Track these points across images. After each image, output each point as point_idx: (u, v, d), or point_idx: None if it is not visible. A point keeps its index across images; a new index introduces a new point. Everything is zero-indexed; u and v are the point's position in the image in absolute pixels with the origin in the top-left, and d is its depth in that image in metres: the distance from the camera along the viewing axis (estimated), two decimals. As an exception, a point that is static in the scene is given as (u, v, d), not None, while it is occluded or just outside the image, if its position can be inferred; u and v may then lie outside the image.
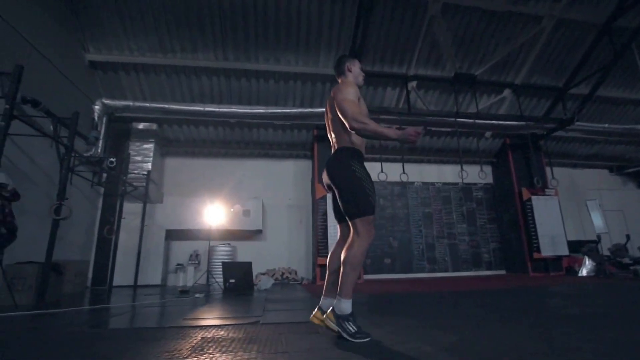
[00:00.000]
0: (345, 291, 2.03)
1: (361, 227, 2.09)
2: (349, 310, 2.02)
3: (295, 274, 8.17)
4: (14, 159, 5.09)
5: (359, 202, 2.10)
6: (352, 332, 1.96)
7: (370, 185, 2.16)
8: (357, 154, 2.24)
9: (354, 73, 2.48)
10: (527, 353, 1.67)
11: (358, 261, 2.06)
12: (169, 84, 7.57)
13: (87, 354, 1.88)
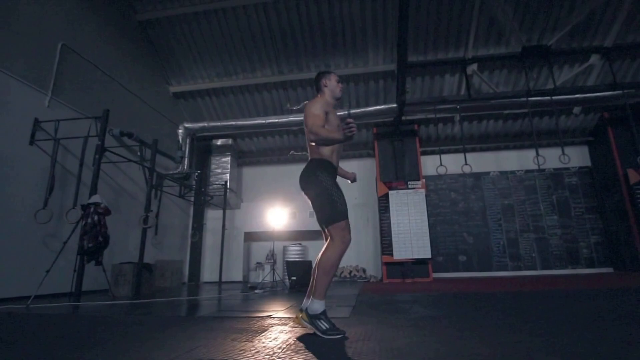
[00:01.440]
0: (318, 293, 2.18)
1: (334, 233, 2.21)
2: (320, 309, 2.16)
3: (364, 272, 8.29)
4: (119, 181, 6.43)
5: (328, 210, 2.23)
6: (324, 330, 2.10)
7: (337, 193, 2.25)
8: (324, 165, 2.34)
9: (329, 87, 2.58)
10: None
11: (331, 265, 2.17)
12: (236, 102, 8.50)
13: (162, 335, 2.42)
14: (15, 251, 4.41)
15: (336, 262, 2.18)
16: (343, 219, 2.21)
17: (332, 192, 2.24)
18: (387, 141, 8.37)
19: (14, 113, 4.67)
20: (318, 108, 2.33)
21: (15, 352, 1.79)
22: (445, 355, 1.58)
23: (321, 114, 2.31)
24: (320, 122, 2.27)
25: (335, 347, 1.82)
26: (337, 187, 2.31)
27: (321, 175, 2.28)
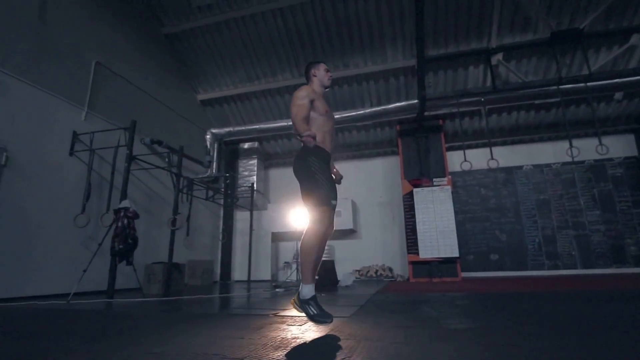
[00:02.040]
0: (304, 277, 2.23)
1: (316, 215, 2.23)
2: (309, 294, 2.20)
3: (390, 271, 8.20)
4: (151, 185, 6.86)
5: (314, 194, 2.27)
6: (312, 314, 2.15)
7: (324, 179, 2.28)
8: (315, 150, 2.38)
9: (318, 76, 2.64)
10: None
11: (310, 246, 2.20)
12: (259, 106, 8.74)
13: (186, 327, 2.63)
14: (57, 252, 4.87)
15: (315, 244, 2.19)
16: (326, 205, 2.23)
17: (320, 178, 2.28)
18: (411, 138, 8.21)
19: (55, 127, 5.16)
20: (303, 97, 2.38)
21: (54, 342, 2.01)
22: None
23: (304, 103, 2.35)
24: (302, 111, 2.32)
25: (316, 346, 1.88)
26: (327, 173, 2.35)
27: (311, 160, 2.32)
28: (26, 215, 4.61)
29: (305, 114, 2.33)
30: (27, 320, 2.88)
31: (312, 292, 2.21)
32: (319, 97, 2.49)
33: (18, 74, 4.72)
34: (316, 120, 2.43)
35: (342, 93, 8.20)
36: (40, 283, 4.60)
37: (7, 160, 4.49)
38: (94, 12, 6.05)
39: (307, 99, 2.39)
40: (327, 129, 2.47)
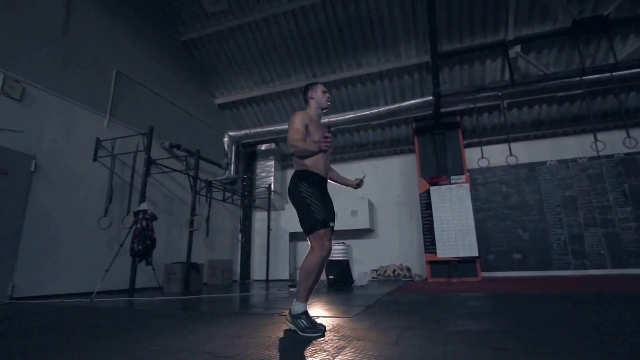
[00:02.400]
0: (299, 295, 2.28)
1: (313, 242, 2.29)
2: (301, 310, 2.26)
3: (408, 271, 8.10)
4: (171, 188, 7.11)
5: (306, 219, 2.32)
6: (302, 327, 2.19)
7: (317, 202, 2.31)
8: (305, 175, 2.42)
9: (315, 99, 2.64)
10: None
11: (310, 271, 2.26)
12: (275, 108, 8.85)
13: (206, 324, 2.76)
14: (83, 253, 5.15)
15: (315, 269, 2.25)
16: (321, 228, 2.26)
17: (311, 202, 2.30)
18: (428, 135, 8.07)
19: (80, 135, 5.45)
20: (298, 122, 2.40)
21: (78, 336, 2.16)
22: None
23: (300, 128, 2.37)
24: (299, 135, 2.35)
25: (305, 345, 1.92)
26: (321, 196, 2.37)
27: (302, 186, 2.36)
28: (54, 218, 4.90)
29: (302, 138, 2.35)
30: (53, 317, 3.07)
31: (304, 308, 2.26)
32: (313, 122, 2.49)
33: (45, 86, 5.03)
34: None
35: (356, 92, 8.17)
36: (66, 282, 4.88)
37: (36, 167, 4.80)
38: (114, 24, 6.34)
39: (302, 125, 2.40)
40: (320, 154, 2.48)
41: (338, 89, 8.19)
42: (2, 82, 4.54)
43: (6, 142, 4.49)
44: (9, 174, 4.50)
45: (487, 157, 6.61)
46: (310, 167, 2.44)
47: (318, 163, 2.48)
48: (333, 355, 1.62)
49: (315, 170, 2.45)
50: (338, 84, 8.09)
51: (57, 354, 1.74)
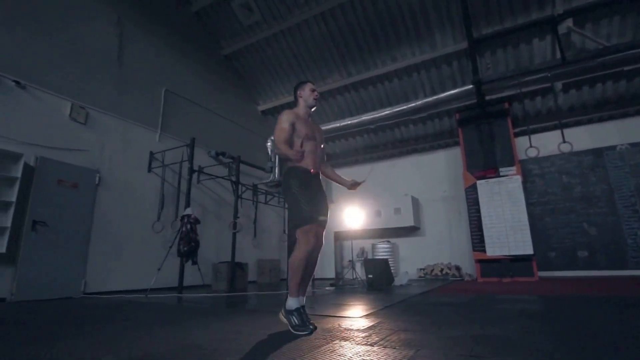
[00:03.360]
0: (290, 290, 2.37)
1: (299, 236, 2.38)
2: (293, 306, 2.34)
3: (457, 270, 7.70)
4: (219, 192, 7.64)
5: (295, 215, 2.41)
6: (293, 325, 2.28)
7: (304, 199, 2.39)
8: (294, 172, 2.49)
9: (303, 97, 2.72)
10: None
11: (297, 266, 2.34)
12: (314, 111, 9.00)
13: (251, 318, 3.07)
14: (140, 254, 5.81)
15: (301, 264, 2.33)
16: (307, 224, 2.34)
17: (299, 199, 2.39)
18: (473, 126, 7.59)
19: (135, 149, 6.16)
20: (284, 120, 2.51)
21: (133, 325, 2.54)
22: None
23: (286, 127, 2.48)
24: (283, 135, 2.46)
25: (285, 342, 2.01)
26: (309, 192, 2.44)
27: (291, 182, 2.45)
28: (116, 224, 5.62)
29: (286, 137, 2.46)
30: (111, 310, 3.57)
31: (297, 304, 2.34)
32: (300, 120, 2.58)
33: (104, 109, 5.78)
34: (296, 142, 2.53)
35: (392, 87, 8.00)
36: (126, 280, 5.55)
37: (100, 180, 5.54)
38: (161, 48, 7.01)
39: (288, 123, 2.50)
40: (308, 150, 2.54)
41: (374, 86, 8.10)
42: (70, 110, 5.32)
43: (76, 160, 5.25)
44: (79, 187, 5.26)
45: (544, 145, 6.07)
46: (300, 164, 2.53)
47: (306, 159, 2.54)
48: (300, 354, 1.70)
49: (305, 166, 2.53)
50: (374, 80, 7.99)
51: (122, 338, 2.04)
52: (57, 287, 4.78)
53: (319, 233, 2.50)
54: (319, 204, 2.53)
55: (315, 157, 2.61)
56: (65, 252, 4.96)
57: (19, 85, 4.77)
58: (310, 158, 2.57)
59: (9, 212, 4.40)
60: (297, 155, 2.32)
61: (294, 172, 2.50)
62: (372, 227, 8.62)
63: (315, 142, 2.63)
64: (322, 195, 2.61)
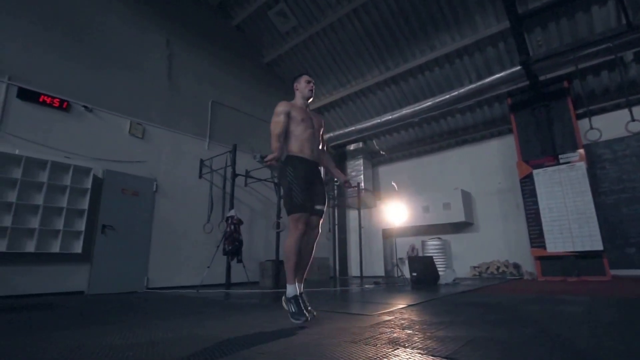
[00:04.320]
0: (287, 278, 2.46)
1: (290, 223, 2.47)
2: (292, 293, 2.42)
3: (516, 268, 7.09)
4: (266, 194, 8.02)
5: (286, 202, 2.50)
6: (290, 313, 2.37)
7: (297, 188, 2.45)
8: (293, 160, 2.56)
9: (299, 89, 2.79)
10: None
11: (288, 252, 2.43)
12: (356, 108, 8.99)
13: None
14: (192, 253, 6.36)
15: (293, 249, 2.41)
16: (297, 212, 2.42)
17: (292, 187, 2.47)
18: (527, 110, 6.93)
19: (187, 158, 6.76)
20: (279, 112, 2.60)
21: (184, 317, 2.91)
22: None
23: (280, 119, 2.56)
24: (277, 128, 2.54)
25: (277, 337, 2.11)
26: (304, 181, 2.49)
27: (288, 170, 2.54)
28: (172, 227, 6.24)
29: (280, 130, 2.54)
30: (167, 303, 4.00)
31: (294, 291, 2.42)
32: (297, 109, 2.66)
33: (158, 124, 6.44)
34: (294, 131, 2.61)
35: (434, 77, 7.64)
36: (181, 276, 6.14)
37: (157, 187, 6.20)
38: (207, 62, 7.59)
39: (283, 114, 2.59)
40: (305, 137, 2.61)
41: (414, 77, 7.81)
42: (129, 126, 6.05)
43: (136, 171, 5.95)
44: (139, 195, 5.96)
45: (611, 126, 5.33)
46: (297, 153, 2.59)
47: (304, 148, 2.61)
48: (280, 349, 1.79)
49: (302, 155, 2.59)
50: (414, 72, 7.72)
51: (181, 327, 2.33)
52: (124, 282, 5.48)
53: (313, 222, 2.56)
54: (315, 193, 2.58)
55: (313, 145, 2.66)
56: (130, 252, 5.66)
57: (87, 109, 5.57)
58: (307, 147, 2.62)
59: (82, 218, 5.15)
60: (276, 154, 2.38)
61: (291, 161, 2.57)
62: (420, 223, 8.33)
63: (312, 130, 2.68)
64: (320, 185, 2.66)
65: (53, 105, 5.23)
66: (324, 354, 1.58)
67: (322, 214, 2.62)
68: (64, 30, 5.54)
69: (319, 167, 2.74)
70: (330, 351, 1.64)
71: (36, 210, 4.78)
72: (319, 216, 2.60)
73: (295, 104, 2.73)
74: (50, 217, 4.89)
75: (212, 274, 5.91)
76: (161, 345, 1.80)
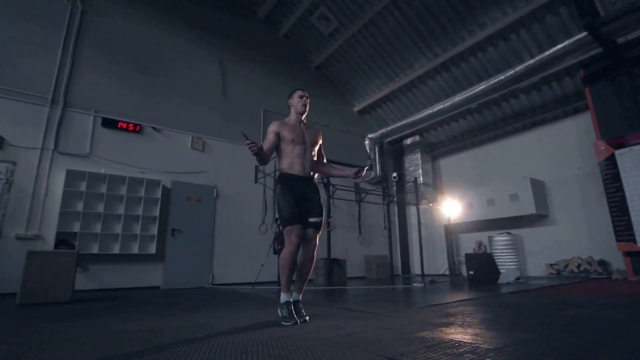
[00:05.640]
0: (282, 286, 2.59)
1: (285, 236, 2.58)
2: (283, 300, 2.54)
3: (602, 265, 6.09)
4: (323, 196, 8.25)
5: (280, 217, 2.64)
6: (281, 317, 2.49)
7: (286, 203, 2.56)
8: (282, 177, 2.68)
9: (293, 105, 2.88)
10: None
11: (283, 264, 2.54)
12: (408, 100, 8.69)
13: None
14: (250, 252, 6.88)
15: (287, 262, 2.52)
16: (287, 225, 2.54)
17: (281, 202, 2.61)
18: (605, 81, 5.93)
19: (243, 165, 7.34)
20: (269, 132, 2.75)
21: (240, 310, 3.32)
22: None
23: (269, 138, 2.71)
24: (265, 144, 2.68)
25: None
26: (292, 196, 2.60)
27: (278, 187, 2.68)
28: (231, 229, 6.86)
29: (267, 147, 2.66)
30: (226, 298, 4.49)
31: (286, 298, 2.55)
32: (286, 126, 2.74)
33: (216, 136, 7.15)
34: (284, 149, 2.72)
35: (488, 58, 6.99)
36: (240, 274, 6.69)
37: (217, 194, 6.89)
38: (258, 74, 8.13)
39: (272, 133, 2.72)
40: (295, 154, 2.69)
41: (466, 61, 7.26)
42: (191, 141, 6.84)
43: (198, 180, 6.70)
44: (202, 201, 6.70)
45: None
46: (286, 170, 2.71)
47: (293, 164, 2.70)
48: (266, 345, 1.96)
49: (291, 171, 2.69)
50: (465, 55, 7.17)
51: (241, 319, 2.68)
52: (192, 279, 6.22)
53: (309, 234, 2.63)
54: (307, 206, 2.66)
55: (304, 160, 2.73)
56: (197, 252, 6.39)
57: (156, 130, 6.47)
58: (297, 163, 2.71)
59: (155, 223, 6.02)
60: (253, 146, 2.41)
61: (281, 177, 2.71)
62: (485, 217, 7.69)
63: (304, 146, 2.75)
64: (313, 198, 2.71)
65: (128, 129, 6.21)
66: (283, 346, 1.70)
67: (317, 226, 2.66)
68: (135, 67, 6.52)
69: (312, 180, 2.79)
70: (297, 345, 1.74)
71: (119, 219, 5.74)
72: (314, 229, 2.66)
73: (287, 121, 2.82)
74: (129, 224, 5.82)
75: (269, 272, 6.35)
76: (164, 332, 2.11)
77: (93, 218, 5.56)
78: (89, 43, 6.17)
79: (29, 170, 5.25)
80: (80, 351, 1.68)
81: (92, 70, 6.09)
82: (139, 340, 1.87)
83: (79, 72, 5.97)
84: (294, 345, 1.71)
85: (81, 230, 5.38)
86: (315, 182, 2.84)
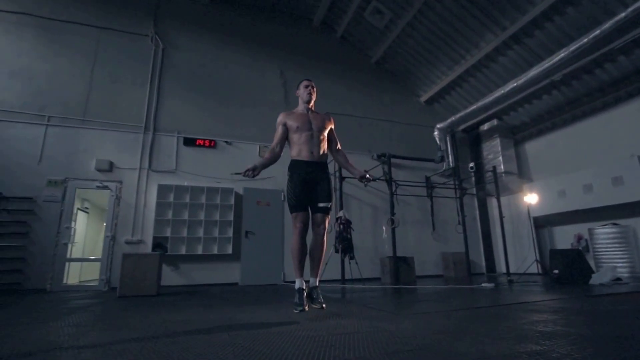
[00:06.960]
0: (294, 272, 2.73)
1: (292, 222, 2.75)
2: (296, 286, 2.68)
3: None
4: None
5: (288, 204, 2.79)
6: (294, 303, 2.66)
7: (292, 190, 2.73)
8: (291, 164, 2.83)
9: (300, 95, 3.02)
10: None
11: (291, 249, 2.73)
12: (477, 82, 7.94)
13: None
14: (320, 251, 7.16)
15: (296, 247, 2.71)
16: (292, 211, 2.75)
17: (289, 189, 2.78)
18: None
19: (307, 168, 7.70)
20: (277, 124, 2.93)
21: (278, 307, 3.83)
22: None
23: (277, 131, 2.90)
24: (275, 139, 2.89)
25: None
26: (299, 183, 2.75)
27: (288, 175, 2.84)
28: (298, 229, 7.24)
29: (276, 141, 2.88)
30: (271, 294, 4.94)
31: (299, 284, 2.69)
32: (292, 115, 2.92)
33: (280, 143, 7.63)
34: (292, 137, 2.90)
35: (567, 19, 5.96)
36: (307, 272, 6.99)
37: (284, 197, 7.35)
38: (318, 78, 8.25)
39: (280, 125, 2.93)
40: (302, 141, 2.84)
41: (540, 29, 6.31)
42: (259, 150, 7.46)
43: (266, 185, 7.26)
44: (271, 205, 7.24)
45: None
46: (294, 157, 2.88)
47: (301, 151, 2.85)
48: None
49: (299, 158, 2.85)
50: (538, 21, 6.24)
51: (269, 316, 2.86)
52: (266, 276, 6.78)
53: (318, 219, 2.74)
54: (315, 192, 2.76)
55: (311, 146, 2.84)
56: (268, 252, 6.94)
57: (228, 143, 7.25)
58: (305, 149, 2.84)
59: (230, 227, 6.74)
60: (255, 164, 2.70)
61: (290, 165, 2.87)
62: (581, 207, 6.59)
63: (310, 132, 2.86)
64: (322, 183, 2.80)
65: (205, 145, 7.10)
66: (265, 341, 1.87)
67: (326, 210, 2.76)
68: (207, 89, 7.43)
69: (322, 165, 2.87)
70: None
71: (200, 224, 6.61)
72: (323, 213, 2.77)
73: (294, 111, 2.99)
74: (209, 228, 6.65)
75: (329, 270, 6.55)
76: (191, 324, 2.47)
77: (180, 224, 6.51)
78: (170, 75, 7.24)
79: (131, 187, 6.43)
80: (116, 335, 2.10)
81: (173, 97, 7.13)
82: (162, 328, 2.23)
83: (163, 100, 7.06)
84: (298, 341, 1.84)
85: (172, 235, 6.36)
86: (327, 167, 2.90)
